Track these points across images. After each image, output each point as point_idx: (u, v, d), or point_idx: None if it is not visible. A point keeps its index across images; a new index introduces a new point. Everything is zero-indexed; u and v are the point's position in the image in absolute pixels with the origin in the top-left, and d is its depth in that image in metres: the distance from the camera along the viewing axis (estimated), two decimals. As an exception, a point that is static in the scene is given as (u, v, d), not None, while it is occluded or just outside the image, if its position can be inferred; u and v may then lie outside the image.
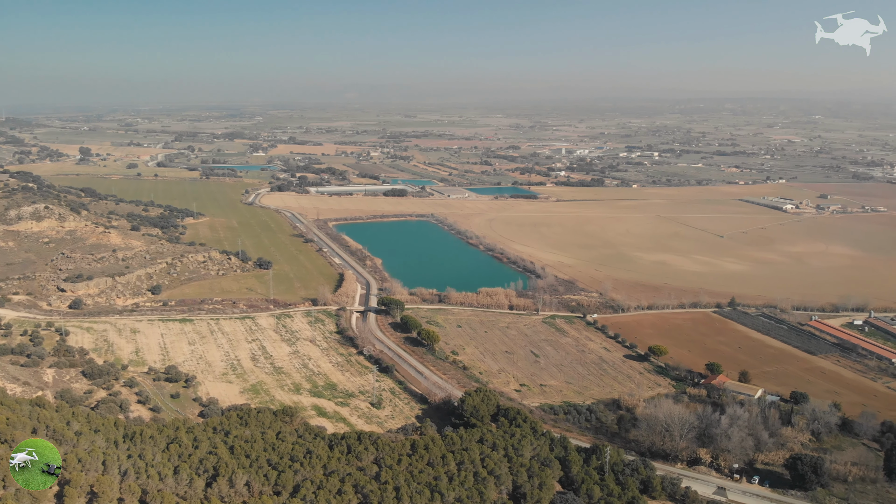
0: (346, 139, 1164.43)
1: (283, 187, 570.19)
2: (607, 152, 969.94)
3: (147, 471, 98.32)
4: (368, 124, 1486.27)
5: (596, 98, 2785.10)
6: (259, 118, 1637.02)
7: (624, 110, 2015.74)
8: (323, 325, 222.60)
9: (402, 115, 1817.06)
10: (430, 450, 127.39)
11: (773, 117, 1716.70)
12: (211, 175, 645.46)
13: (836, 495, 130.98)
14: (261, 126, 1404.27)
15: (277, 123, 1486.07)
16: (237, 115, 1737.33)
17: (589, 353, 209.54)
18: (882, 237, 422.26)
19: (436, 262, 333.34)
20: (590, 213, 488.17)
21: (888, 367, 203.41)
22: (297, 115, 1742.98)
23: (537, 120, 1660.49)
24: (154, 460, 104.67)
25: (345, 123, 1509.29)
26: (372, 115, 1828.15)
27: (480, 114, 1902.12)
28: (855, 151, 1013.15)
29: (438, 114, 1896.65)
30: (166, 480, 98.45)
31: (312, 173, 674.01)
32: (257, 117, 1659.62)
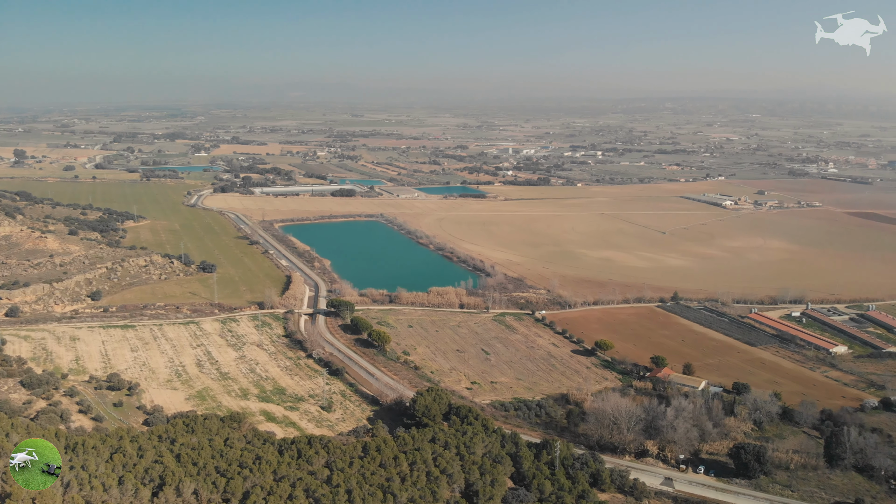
0: (292, 139, 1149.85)
1: (227, 188, 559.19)
2: (553, 152, 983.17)
3: (91, 482, 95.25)
4: (314, 123, 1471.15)
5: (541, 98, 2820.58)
6: (201, 118, 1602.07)
7: (568, 110, 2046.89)
8: (270, 329, 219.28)
9: (348, 115, 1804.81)
10: (382, 451, 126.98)
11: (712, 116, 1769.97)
12: (152, 177, 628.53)
13: (779, 482, 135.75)
14: (203, 126, 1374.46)
15: (220, 123, 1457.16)
16: (178, 114, 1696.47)
17: (538, 349, 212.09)
18: (817, 231, 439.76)
19: (386, 262, 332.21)
20: (537, 211, 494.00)
21: (825, 356, 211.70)
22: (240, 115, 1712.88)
23: (484, 120, 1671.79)
24: (98, 471, 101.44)
25: (290, 123, 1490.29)
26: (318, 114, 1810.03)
27: (428, 113, 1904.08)
28: (790, 149, 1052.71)
29: (386, 113, 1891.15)
30: (111, 491, 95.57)
31: (257, 174, 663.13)
32: (199, 117, 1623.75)
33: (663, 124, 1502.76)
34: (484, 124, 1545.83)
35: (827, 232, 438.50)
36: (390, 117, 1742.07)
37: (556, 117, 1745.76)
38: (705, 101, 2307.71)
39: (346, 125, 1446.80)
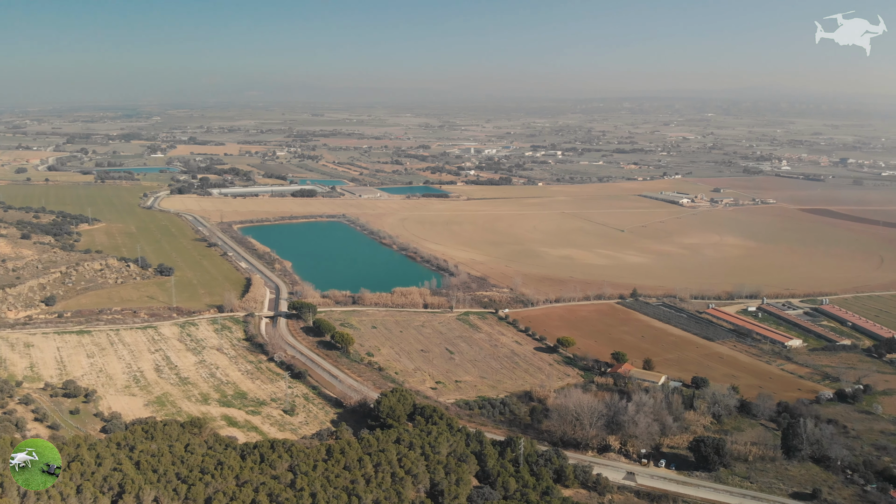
0: (251, 138, 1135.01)
1: (184, 189, 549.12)
2: (514, 151, 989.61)
3: (48, 491, 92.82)
4: (273, 123, 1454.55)
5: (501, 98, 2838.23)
6: (157, 118, 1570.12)
7: (528, 110, 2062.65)
8: (230, 333, 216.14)
9: (308, 114, 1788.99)
10: (346, 453, 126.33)
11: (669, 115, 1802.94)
12: (106, 178, 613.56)
13: (738, 474, 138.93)
14: (159, 126, 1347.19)
15: (177, 123, 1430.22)
16: (134, 115, 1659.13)
17: (501, 347, 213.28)
18: (771, 227, 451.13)
19: (349, 263, 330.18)
20: (499, 210, 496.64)
21: (781, 350, 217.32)
22: (197, 115, 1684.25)
23: (446, 120, 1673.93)
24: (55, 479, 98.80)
25: (248, 122, 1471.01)
26: (277, 113, 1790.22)
27: (389, 113, 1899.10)
28: (745, 147, 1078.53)
29: (347, 112, 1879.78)
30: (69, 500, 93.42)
31: (215, 174, 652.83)
32: (155, 117, 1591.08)
33: (621, 124, 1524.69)
34: (446, 124, 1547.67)
35: (781, 228, 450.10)
36: (351, 117, 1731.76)
37: (517, 117, 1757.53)
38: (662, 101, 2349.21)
39: (306, 125, 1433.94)
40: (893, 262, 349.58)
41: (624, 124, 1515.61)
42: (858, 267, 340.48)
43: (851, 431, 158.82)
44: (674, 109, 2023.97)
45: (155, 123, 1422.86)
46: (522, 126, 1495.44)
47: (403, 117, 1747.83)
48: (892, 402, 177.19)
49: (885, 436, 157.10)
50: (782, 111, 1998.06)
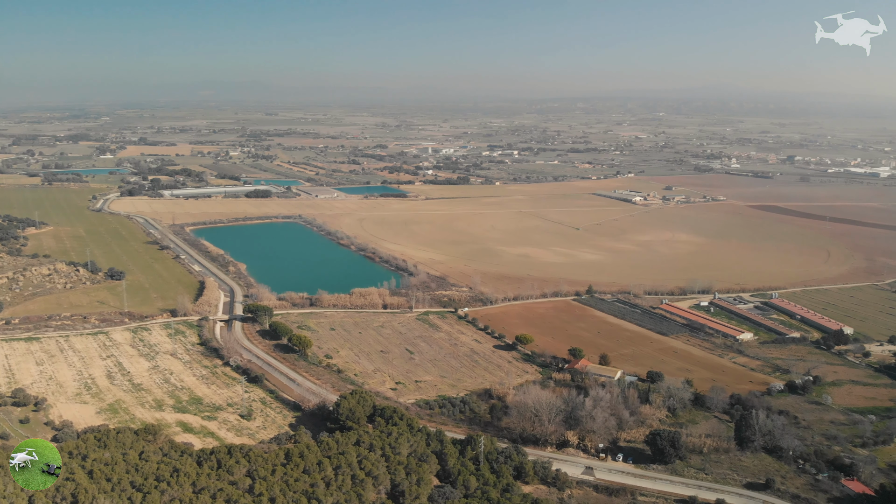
0: (203, 139, 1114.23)
1: (135, 191, 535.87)
2: (471, 151, 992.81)
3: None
4: (226, 123, 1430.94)
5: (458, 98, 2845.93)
6: (106, 118, 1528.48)
7: (485, 110, 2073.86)
8: (184, 337, 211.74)
9: (262, 113, 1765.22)
10: (305, 457, 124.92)
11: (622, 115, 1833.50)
12: (54, 181, 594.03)
13: (693, 466, 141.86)
14: (108, 127, 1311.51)
15: (127, 124, 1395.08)
16: (82, 115, 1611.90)
17: (461, 346, 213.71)
18: (722, 224, 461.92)
19: (305, 264, 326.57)
20: (457, 210, 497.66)
21: (733, 343, 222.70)
22: (147, 115, 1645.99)
23: (403, 119, 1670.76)
24: (6, 491, 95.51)
25: (200, 122, 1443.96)
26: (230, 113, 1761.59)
27: (346, 112, 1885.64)
28: (696, 145, 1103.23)
29: (302, 112, 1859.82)
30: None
31: (166, 175, 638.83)
32: (104, 118, 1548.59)
33: (576, 124, 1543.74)
34: (403, 124, 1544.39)
35: (731, 224, 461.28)
36: (306, 116, 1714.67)
37: (474, 117, 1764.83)
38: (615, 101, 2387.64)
39: (259, 124, 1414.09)
40: (840, 257, 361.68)
41: (578, 124, 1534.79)
42: (806, 262, 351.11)
43: (802, 422, 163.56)
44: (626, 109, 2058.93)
45: (104, 124, 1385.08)
46: (479, 126, 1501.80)
47: (360, 117, 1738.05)
48: (841, 393, 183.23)
49: (834, 425, 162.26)
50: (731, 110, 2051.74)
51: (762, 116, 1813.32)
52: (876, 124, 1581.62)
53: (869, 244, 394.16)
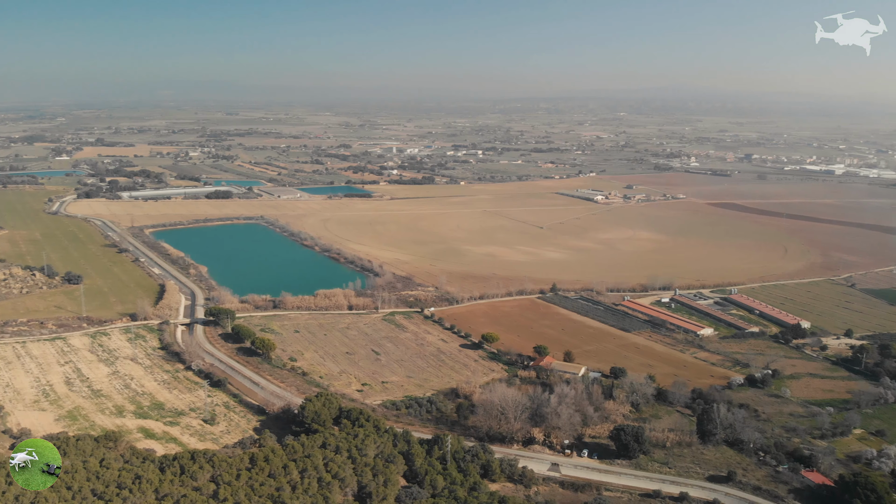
0: (162, 139, 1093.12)
1: (92, 193, 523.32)
2: (436, 151, 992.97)
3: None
4: (186, 123, 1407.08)
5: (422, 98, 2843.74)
6: (62, 119, 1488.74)
7: (449, 110, 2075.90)
8: (145, 342, 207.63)
9: (223, 113, 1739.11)
10: (270, 461, 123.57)
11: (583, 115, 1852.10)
12: (8, 183, 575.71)
13: (657, 460, 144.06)
14: (64, 128, 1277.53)
15: (83, 124, 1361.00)
16: (37, 116, 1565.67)
17: (428, 345, 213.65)
18: (681, 221, 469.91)
19: (268, 266, 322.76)
20: (422, 209, 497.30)
21: (694, 339, 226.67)
22: (105, 115, 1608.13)
23: (367, 119, 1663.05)
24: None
25: (159, 122, 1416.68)
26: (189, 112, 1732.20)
27: (308, 112, 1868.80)
28: (656, 145, 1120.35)
29: (263, 111, 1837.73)
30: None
31: (125, 177, 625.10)
32: (60, 118, 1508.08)
33: (538, 124, 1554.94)
34: (366, 123, 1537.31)
35: (691, 222, 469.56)
36: (268, 115, 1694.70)
37: (438, 117, 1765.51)
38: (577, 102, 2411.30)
39: (220, 124, 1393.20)
40: (797, 253, 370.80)
41: (541, 124, 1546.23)
42: (764, 257, 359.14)
43: (762, 415, 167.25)
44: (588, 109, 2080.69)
45: (60, 125, 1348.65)
46: (443, 126, 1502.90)
47: (323, 116, 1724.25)
48: (800, 386, 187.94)
49: (794, 418, 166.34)
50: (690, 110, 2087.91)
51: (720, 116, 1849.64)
52: (830, 123, 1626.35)
53: (825, 240, 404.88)
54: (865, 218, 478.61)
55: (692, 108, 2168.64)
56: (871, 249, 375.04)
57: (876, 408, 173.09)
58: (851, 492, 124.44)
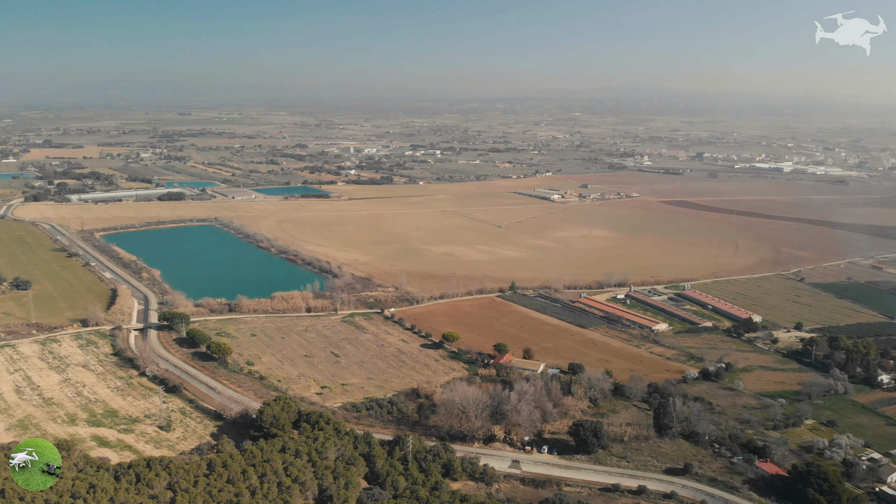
0: (112, 140, 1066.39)
1: (40, 196, 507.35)
2: (394, 151, 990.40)
3: None
4: (137, 123, 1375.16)
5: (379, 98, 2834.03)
6: (8, 120, 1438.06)
7: (406, 110, 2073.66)
8: (97, 348, 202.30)
9: (175, 113, 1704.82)
10: (228, 466, 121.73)
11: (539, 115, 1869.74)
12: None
13: (615, 455, 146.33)
14: (10, 129, 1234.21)
15: (30, 125, 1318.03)
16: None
17: (388, 346, 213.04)
18: (635, 219, 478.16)
19: (223, 269, 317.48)
20: (381, 210, 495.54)
21: (649, 334, 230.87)
22: (52, 116, 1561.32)
23: (323, 118, 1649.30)
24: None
25: (109, 123, 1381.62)
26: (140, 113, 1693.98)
27: (263, 111, 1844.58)
28: (610, 144, 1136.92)
29: (216, 111, 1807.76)
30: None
31: (74, 179, 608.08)
32: (6, 119, 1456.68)
33: (495, 124, 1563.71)
34: (323, 123, 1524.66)
35: (645, 220, 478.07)
36: (221, 115, 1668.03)
37: (395, 117, 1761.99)
38: (532, 102, 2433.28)
39: (172, 124, 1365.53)
40: (747, 249, 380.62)
41: (498, 124, 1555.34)
42: (716, 253, 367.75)
43: (717, 407, 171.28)
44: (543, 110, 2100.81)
45: (6, 126, 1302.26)
46: (401, 126, 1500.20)
47: (278, 115, 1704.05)
48: (752, 378, 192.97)
49: (747, 410, 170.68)
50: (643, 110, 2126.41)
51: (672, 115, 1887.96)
52: (779, 122, 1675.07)
53: (774, 236, 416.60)
54: (813, 214, 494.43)
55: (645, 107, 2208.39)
56: (819, 245, 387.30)
57: (826, 398, 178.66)
58: (805, 481, 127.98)
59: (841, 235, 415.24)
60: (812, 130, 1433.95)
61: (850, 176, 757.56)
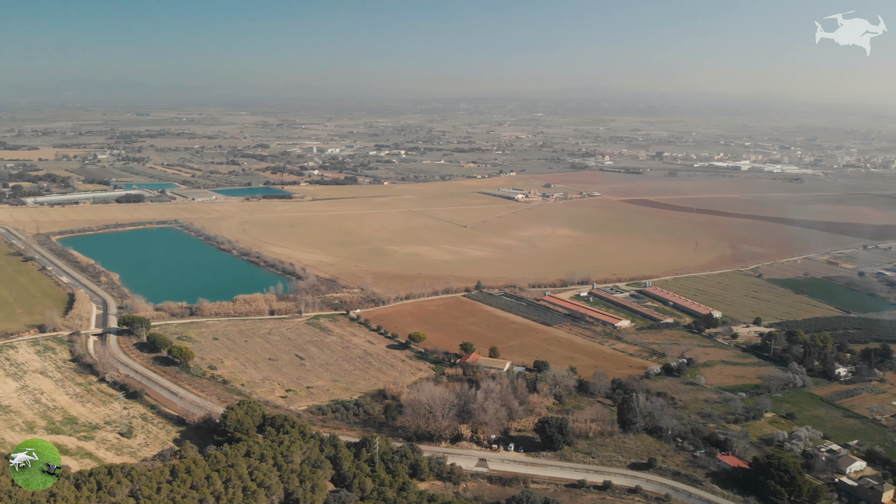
0: (68, 141, 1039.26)
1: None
2: (358, 151, 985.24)
3: None
4: (94, 124, 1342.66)
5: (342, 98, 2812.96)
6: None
7: (370, 110, 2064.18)
8: (55, 354, 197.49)
9: (133, 114, 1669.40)
10: (192, 472, 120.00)
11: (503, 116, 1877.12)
12: None
13: (581, 451, 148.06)
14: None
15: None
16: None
17: (354, 348, 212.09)
18: (597, 218, 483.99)
19: (184, 272, 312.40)
20: (346, 210, 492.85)
21: (612, 330, 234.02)
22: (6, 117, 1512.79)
23: (285, 118, 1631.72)
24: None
25: (65, 124, 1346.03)
26: (97, 114, 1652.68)
27: (223, 111, 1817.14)
28: (572, 144, 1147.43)
29: (175, 111, 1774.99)
30: None
31: (29, 182, 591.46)
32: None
33: (459, 124, 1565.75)
34: (285, 122, 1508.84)
35: (607, 218, 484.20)
36: (181, 115, 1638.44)
37: (359, 117, 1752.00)
38: (495, 102, 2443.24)
39: (130, 125, 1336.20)
40: (707, 246, 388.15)
41: (462, 124, 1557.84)
42: (676, 251, 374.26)
43: (679, 402, 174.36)
44: (507, 110, 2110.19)
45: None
46: (365, 125, 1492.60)
47: (239, 115, 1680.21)
48: (713, 373, 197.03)
49: (708, 404, 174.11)
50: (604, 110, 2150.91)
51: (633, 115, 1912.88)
52: (736, 121, 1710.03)
53: (733, 233, 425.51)
54: (770, 211, 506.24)
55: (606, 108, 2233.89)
56: (776, 241, 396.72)
57: (785, 392, 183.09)
58: (765, 473, 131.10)
59: (797, 232, 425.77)
60: (769, 129, 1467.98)
61: (806, 174, 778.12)
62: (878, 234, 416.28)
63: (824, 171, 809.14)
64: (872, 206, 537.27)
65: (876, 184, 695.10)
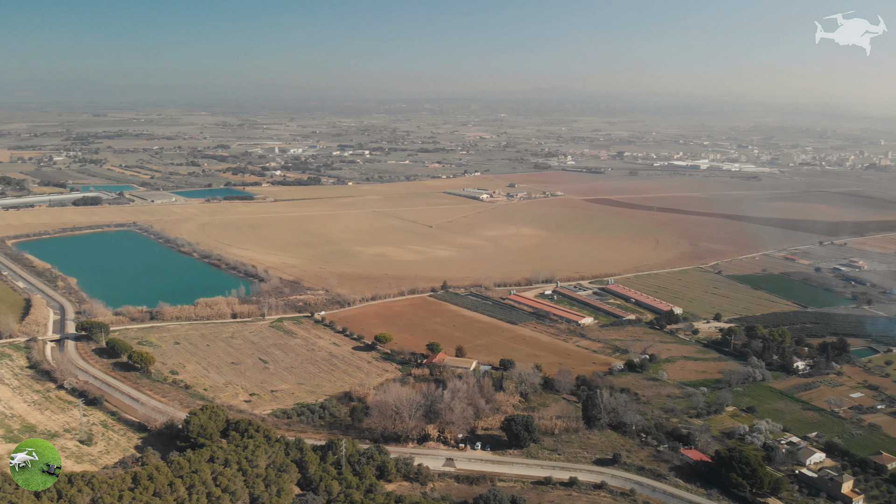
0: (23, 143, 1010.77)
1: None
2: (321, 151, 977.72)
3: None
4: (49, 125, 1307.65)
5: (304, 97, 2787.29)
6: None
7: (332, 109, 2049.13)
8: (11, 361, 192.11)
9: (89, 115, 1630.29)
10: (155, 479, 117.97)
11: (466, 116, 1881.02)
12: None
13: (547, 448, 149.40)
14: None
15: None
16: None
17: (319, 350, 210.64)
18: (560, 217, 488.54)
19: (144, 275, 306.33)
20: (309, 211, 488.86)
21: (576, 328, 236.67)
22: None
23: (245, 118, 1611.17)
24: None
25: (20, 126, 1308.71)
26: (53, 115, 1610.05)
27: (182, 112, 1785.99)
28: (535, 144, 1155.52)
29: (134, 112, 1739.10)
30: None
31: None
32: None
33: (423, 124, 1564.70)
34: (246, 123, 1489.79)
35: (569, 218, 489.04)
36: (139, 116, 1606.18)
37: (322, 117, 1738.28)
38: (459, 103, 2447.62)
39: (87, 126, 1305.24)
40: (667, 243, 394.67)
41: (426, 125, 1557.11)
42: (638, 249, 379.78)
43: (642, 398, 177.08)
44: (470, 110, 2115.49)
45: None
46: (328, 125, 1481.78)
47: (198, 116, 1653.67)
48: (675, 368, 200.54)
49: (671, 399, 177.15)
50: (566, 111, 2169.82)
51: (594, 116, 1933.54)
52: (695, 120, 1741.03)
53: (693, 231, 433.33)
54: (729, 209, 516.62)
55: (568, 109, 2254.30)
56: (735, 238, 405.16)
57: (745, 386, 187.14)
58: (728, 466, 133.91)
59: (755, 229, 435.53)
60: (727, 129, 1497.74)
61: (763, 172, 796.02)
62: (833, 231, 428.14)
63: (781, 170, 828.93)
64: (827, 203, 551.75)
65: (831, 181, 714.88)
